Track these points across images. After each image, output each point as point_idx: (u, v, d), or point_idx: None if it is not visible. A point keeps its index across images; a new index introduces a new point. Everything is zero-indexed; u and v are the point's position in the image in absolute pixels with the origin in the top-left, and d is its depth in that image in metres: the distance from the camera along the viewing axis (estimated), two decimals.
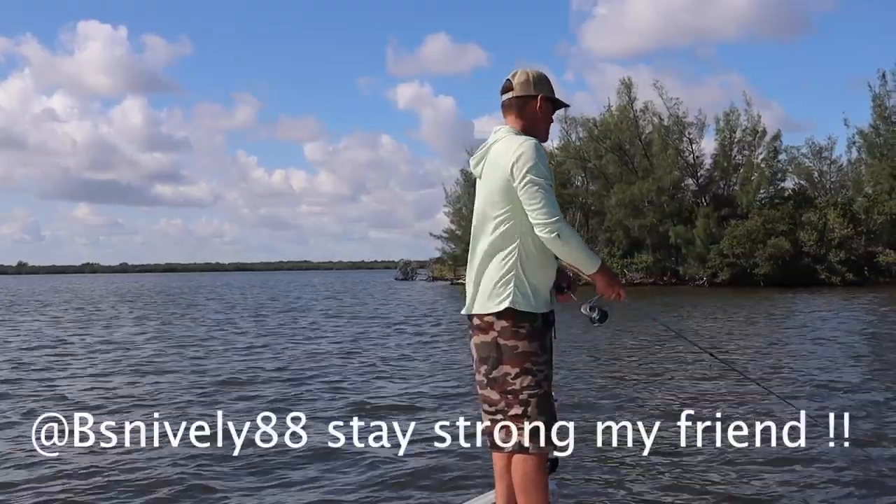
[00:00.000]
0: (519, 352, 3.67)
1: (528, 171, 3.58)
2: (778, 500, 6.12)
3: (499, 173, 3.68)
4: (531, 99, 3.84)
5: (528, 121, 3.84)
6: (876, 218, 49.86)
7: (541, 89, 3.85)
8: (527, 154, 3.62)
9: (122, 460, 7.44)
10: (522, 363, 3.68)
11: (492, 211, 3.73)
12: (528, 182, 3.58)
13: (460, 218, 73.58)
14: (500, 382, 3.71)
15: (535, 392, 3.69)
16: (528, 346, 3.68)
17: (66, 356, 16.16)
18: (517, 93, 3.84)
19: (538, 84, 3.85)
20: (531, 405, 3.68)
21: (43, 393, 11.42)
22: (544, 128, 3.88)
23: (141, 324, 25.90)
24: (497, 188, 3.69)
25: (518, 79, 3.85)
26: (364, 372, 13.38)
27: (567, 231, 3.57)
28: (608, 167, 59.41)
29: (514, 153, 3.64)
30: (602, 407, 9.82)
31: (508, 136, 3.77)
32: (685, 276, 54.51)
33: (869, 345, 16.36)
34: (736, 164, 57.01)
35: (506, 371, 3.70)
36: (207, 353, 16.58)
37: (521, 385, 3.68)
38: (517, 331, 3.67)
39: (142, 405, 10.32)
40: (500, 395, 3.73)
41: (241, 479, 6.85)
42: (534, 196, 3.57)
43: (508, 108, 3.87)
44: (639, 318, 19.71)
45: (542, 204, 3.56)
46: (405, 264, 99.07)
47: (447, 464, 7.21)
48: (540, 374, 3.72)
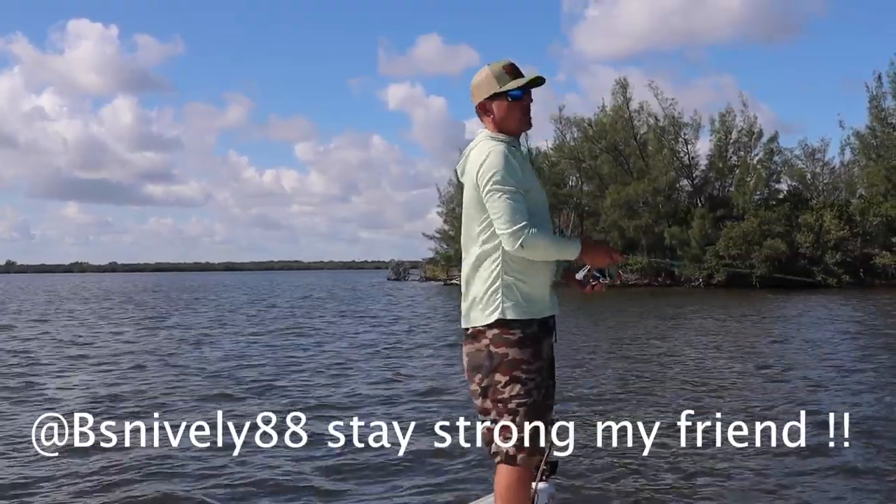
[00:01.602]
0: (509, 359, 3.59)
1: (489, 180, 3.52)
2: (778, 500, 6.13)
3: (471, 181, 3.64)
4: (485, 103, 3.74)
5: (496, 122, 3.74)
6: (871, 220, 49.90)
7: (486, 91, 3.71)
8: (489, 162, 3.56)
9: (123, 460, 7.44)
10: (512, 371, 3.59)
11: (472, 220, 3.68)
12: (489, 192, 3.53)
13: (453, 218, 73.50)
14: (492, 391, 3.63)
15: (524, 401, 3.60)
16: (519, 353, 3.59)
17: (61, 356, 16.12)
18: (474, 102, 3.78)
19: (484, 87, 3.72)
20: (520, 414, 3.59)
21: (42, 393, 11.41)
22: (514, 122, 3.72)
23: (140, 323, 25.86)
24: (473, 197, 3.64)
25: (471, 86, 3.77)
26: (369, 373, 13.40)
27: (531, 238, 3.47)
28: (603, 167, 59.43)
29: (479, 162, 3.60)
30: (602, 407, 9.83)
31: (482, 142, 3.71)
32: (680, 277, 54.56)
33: (868, 346, 16.39)
34: (731, 166, 57.04)
35: (497, 379, 3.62)
36: (222, 353, 16.56)
37: (509, 394, 3.59)
38: (508, 338, 3.59)
39: (142, 404, 10.31)
40: (492, 405, 3.65)
41: (241, 479, 6.85)
42: (494, 206, 3.52)
43: (477, 115, 3.83)
44: (638, 318, 19.72)
45: (501, 214, 3.49)
46: (397, 265, 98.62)
47: (446, 465, 7.21)
48: (531, 382, 3.61)
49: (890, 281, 48.94)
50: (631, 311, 28.26)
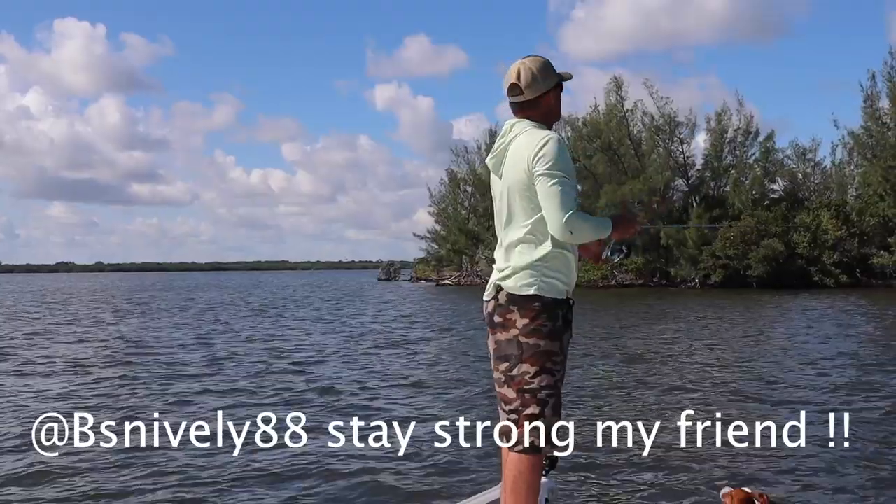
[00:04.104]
0: (540, 350, 3.66)
1: (547, 166, 3.60)
2: (778, 499, 6.13)
3: (522, 166, 3.68)
4: (544, 95, 3.84)
5: (545, 113, 3.85)
6: (868, 220, 49.93)
7: (547, 82, 3.83)
8: (547, 149, 3.62)
9: (122, 460, 7.43)
10: (543, 362, 3.67)
11: (516, 204, 3.74)
12: (545, 176, 3.60)
13: (446, 217, 73.44)
14: (518, 380, 3.69)
15: (552, 392, 3.69)
16: (550, 345, 3.68)
17: (63, 355, 16.09)
18: (528, 96, 3.82)
19: (545, 79, 3.82)
20: (549, 405, 3.68)
21: (42, 393, 11.39)
22: (557, 110, 3.93)
23: (139, 322, 25.82)
24: (522, 181, 3.69)
25: (525, 79, 3.80)
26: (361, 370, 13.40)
27: (577, 223, 3.59)
28: (597, 167, 59.22)
29: (535, 146, 3.65)
30: (602, 407, 9.85)
31: (531, 129, 3.77)
32: (676, 277, 54.44)
33: (867, 345, 16.41)
34: (727, 165, 57.00)
35: (525, 370, 3.68)
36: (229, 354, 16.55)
37: (539, 384, 3.67)
38: (539, 329, 3.66)
39: (142, 405, 10.30)
40: (517, 394, 3.70)
41: (241, 479, 6.85)
42: (547, 192, 3.60)
43: (521, 107, 3.85)
44: (637, 318, 19.75)
45: (554, 200, 3.58)
46: (388, 265, 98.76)
47: (448, 461, 7.22)
48: (557, 374, 3.71)
49: (888, 281, 48.96)
50: (628, 312, 28.30)
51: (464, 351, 16.41)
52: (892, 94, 48.90)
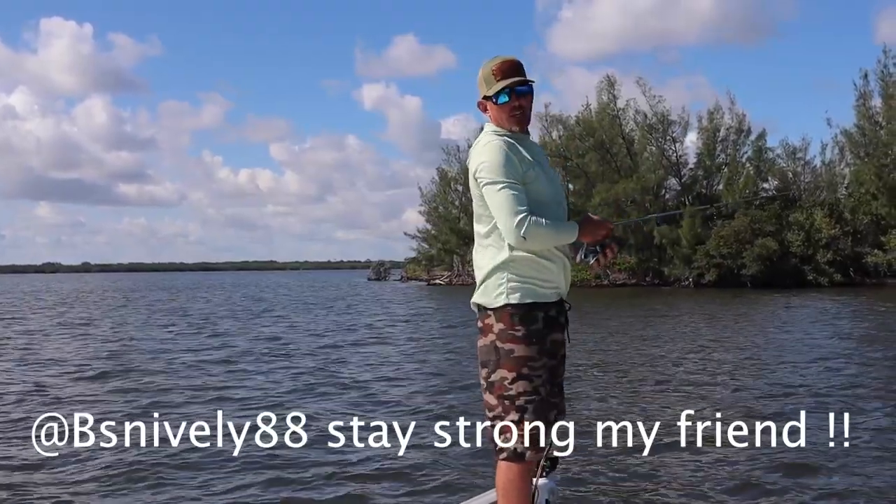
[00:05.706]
0: (515, 356, 3.58)
1: (483, 175, 3.56)
2: (778, 499, 6.15)
3: (471, 175, 3.67)
4: (482, 102, 3.79)
5: (493, 120, 3.76)
6: (861, 218, 50.04)
7: (481, 92, 3.76)
8: (483, 156, 3.59)
9: (122, 460, 7.41)
10: (519, 368, 3.58)
11: (476, 212, 3.71)
12: (484, 185, 3.56)
13: (437, 217, 73.37)
14: (498, 386, 3.62)
15: (531, 398, 3.59)
16: (526, 349, 3.58)
17: (63, 356, 16.05)
18: (479, 98, 3.80)
19: (479, 87, 3.76)
20: (528, 411, 3.59)
21: (42, 392, 11.36)
22: (504, 123, 3.71)
23: (137, 322, 25.79)
24: (474, 190, 3.67)
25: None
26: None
27: (531, 228, 3.47)
28: (590, 166, 59.15)
29: (476, 155, 3.64)
30: (602, 407, 9.86)
31: (482, 136, 3.73)
32: (670, 277, 54.44)
33: (864, 344, 16.44)
34: (720, 164, 57.08)
35: (503, 375, 3.61)
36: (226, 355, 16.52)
37: (517, 391, 3.59)
38: (513, 334, 3.58)
39: (142, 405, 10.28)
40: (498, 400, 3.64)
41: (241, 478, 6.84)
42: (492, 201, 3.55)
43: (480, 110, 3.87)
44: (637, 318, 19.77)
45: (499, 208, 3.52)
46: (378, 264, 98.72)
47: (447, 463, 7.22)
48: (538, 378, 3.60)
49: (881, 280, 49.08)
50: (624, 312, 28.35)
51: (464, 351, 16.41)
52: (884, 93, 49.05)
